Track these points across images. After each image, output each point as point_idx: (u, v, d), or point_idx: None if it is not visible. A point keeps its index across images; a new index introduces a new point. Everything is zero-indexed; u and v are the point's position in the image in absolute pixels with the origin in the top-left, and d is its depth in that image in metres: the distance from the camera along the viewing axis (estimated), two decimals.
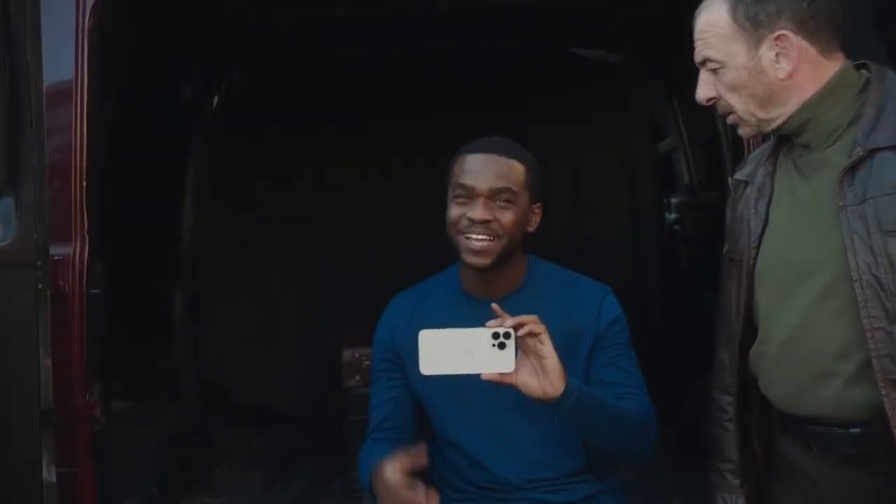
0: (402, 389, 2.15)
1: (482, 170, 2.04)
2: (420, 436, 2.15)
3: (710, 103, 1.80)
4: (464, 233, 2.03)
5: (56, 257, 2.34)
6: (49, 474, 2.31)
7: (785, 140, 1.81)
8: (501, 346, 1.77)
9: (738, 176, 1.93)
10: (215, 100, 4.27)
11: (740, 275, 1.82)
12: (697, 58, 1.78)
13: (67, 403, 2.33)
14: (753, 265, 1.79)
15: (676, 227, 5.03)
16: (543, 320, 1.83)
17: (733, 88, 1.75)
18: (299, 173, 4.69)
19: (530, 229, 2.10)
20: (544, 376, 1.80)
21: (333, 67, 4.51)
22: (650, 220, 4.82)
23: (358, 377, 3.64)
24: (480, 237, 2.01)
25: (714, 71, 1.76)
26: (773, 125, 1.77)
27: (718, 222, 4.04)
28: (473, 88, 4.55)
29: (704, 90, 1.78)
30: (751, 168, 1.89)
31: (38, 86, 2.23)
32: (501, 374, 1.79)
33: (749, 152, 2.47)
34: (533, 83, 4.57)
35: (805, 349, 1.71)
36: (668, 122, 4.77)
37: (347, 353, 3.68)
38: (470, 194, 2.03)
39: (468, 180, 2.03)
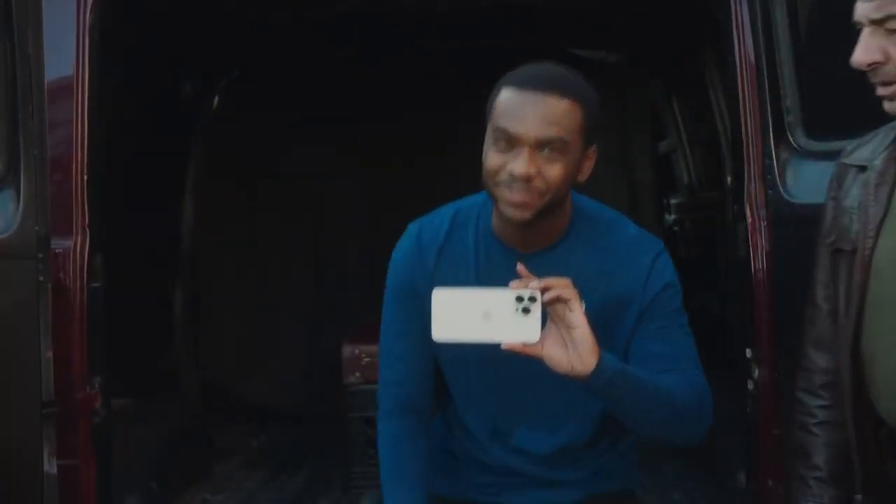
0: (419, 343, 1.83)
1: (529, 114, 1.68)
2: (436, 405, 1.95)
3: (869, 69, 1.57)
4: (502, 185, 1.70)
5: (57, 250, 2.35)
6: (50, 466, 2.31)
7: None
8: (525, 311, 1.54)
9: (848, 160, 1.72)
10: (215, 99, 4.28)
11: (851, 267, 1.62)
12: (874, 14, 1.55)
13: (68, 395, 2.33)
14: (871, 256, 1.60)
15: (676, 227, 5.04)
16: (585, 280, 1.63)
17: None
18: (299, 173, 4.70)
19: (581, 179, 1.77)
20: (573, 349, 1.57)
21: (333, 67, 4.52)
22: (650, 220, 4.82)
23: (358, 374, 3.64)
24: (521, 192, 1.69)
25: (893, 31, 1.53)
26: None
27: (718, 223, 4.07)
28: (473, 88, 4.54)
29: (868, 54, 1.55)
30: (867, 152, 1.69)
31: (40, 79, 2.24)
32: (524, 343, 1.57)
33: (749, 153, 2.47)
34: None
35: None
36: (668, 123, 4.79)
37: (347, 350, 3.68)
38: (512, 142, 1.68)
39: (511, 125, 1.68)
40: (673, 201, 5.05)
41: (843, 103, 2.42)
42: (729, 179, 3.70)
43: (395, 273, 1.91)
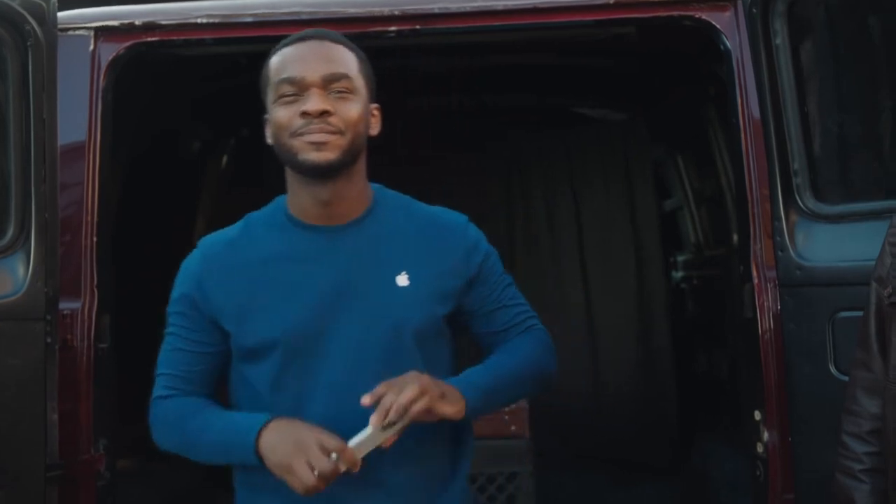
0: (206, 346, 1.75)
1: (309, 56, 1.66)
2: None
3: None
4: (299, 134, 1.63)
5: (65, 312, 2.35)
6: None
7: None
8: (392, 423, 1.60)
9: None
10: (224, 157, 4.31)
11: None
12: None
13: (73, 458, 2.31)
14: None
15: (683, 285, 5.02)
16: (402, 245, 1.69)
17: None
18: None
19: (373, 132, 1.74)
20: (444, 404, 1.63)
21: None
22: (656, 277, 4.79)
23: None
24: (319, 132, 1.63)
25: None
26: None
27: (725, 280, 4.05)
28: (478, 147, 4.60)
29: None
30: None
31: (53, 143, 2.26)
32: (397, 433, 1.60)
33: (754, 213, 2.46)
34: (537, 142, 4.62)
35: None
36: (673, 180, 4.80)
37: None
38: (299, 87, 1.64)
39: (294, 71, 1.65)
40: (680, 258, 5.05)
41: (851, 167, 2.43)
42: (735, 237, 3.70)
43: (179, 291, 1.79)
